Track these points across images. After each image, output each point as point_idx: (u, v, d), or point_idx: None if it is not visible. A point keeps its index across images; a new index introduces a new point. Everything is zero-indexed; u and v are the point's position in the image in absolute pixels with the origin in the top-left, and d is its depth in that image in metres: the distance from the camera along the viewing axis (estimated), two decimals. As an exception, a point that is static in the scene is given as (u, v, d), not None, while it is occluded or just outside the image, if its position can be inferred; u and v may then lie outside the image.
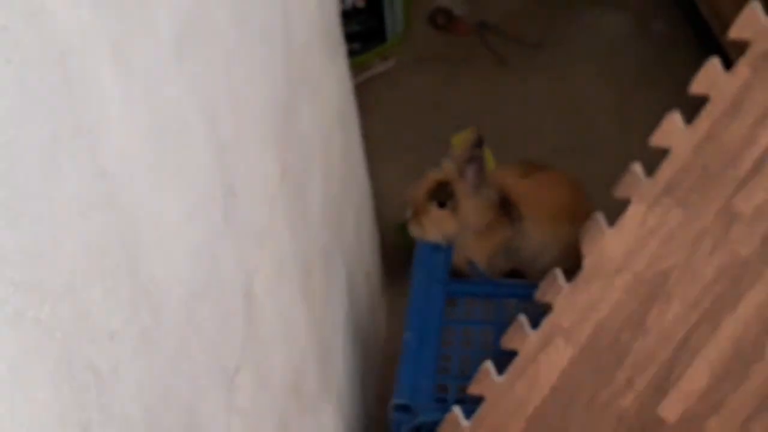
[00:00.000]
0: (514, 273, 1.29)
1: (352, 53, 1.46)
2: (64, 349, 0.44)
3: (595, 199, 1.18)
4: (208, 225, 0.66)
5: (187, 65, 0.62)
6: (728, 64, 0.85)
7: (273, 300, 0.80)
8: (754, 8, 0.83)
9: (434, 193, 1.21)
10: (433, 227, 1.20)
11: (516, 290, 1.15)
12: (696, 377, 0.90)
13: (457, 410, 0.93)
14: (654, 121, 0.87)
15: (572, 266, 0.91)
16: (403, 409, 0.98)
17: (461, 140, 1.43)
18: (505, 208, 1.26)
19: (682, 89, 0.86)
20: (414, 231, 1.21)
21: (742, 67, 0.84)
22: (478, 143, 1.19)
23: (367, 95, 1.76)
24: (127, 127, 0.52)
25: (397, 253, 1.44)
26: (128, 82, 0.52)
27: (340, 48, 1.11)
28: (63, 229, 0.44)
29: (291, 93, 0.87)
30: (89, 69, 0.48)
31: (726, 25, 0.85)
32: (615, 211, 0.89)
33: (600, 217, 0.90)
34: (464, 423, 0.93)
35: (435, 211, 1.21)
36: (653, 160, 0.89)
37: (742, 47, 0.84)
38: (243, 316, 0.72)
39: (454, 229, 1.20)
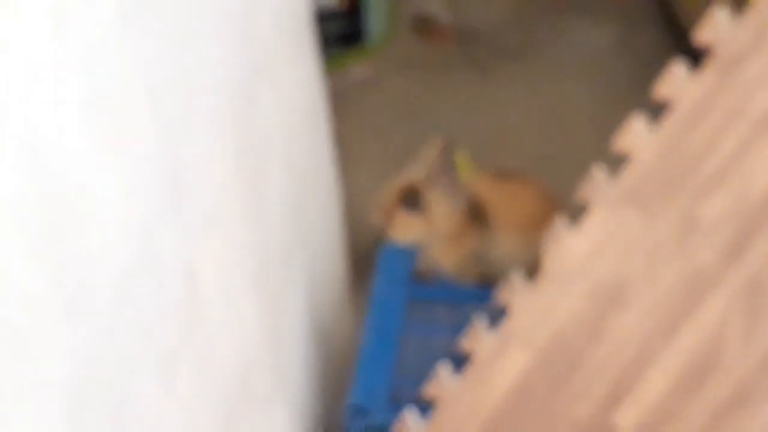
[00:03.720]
0: (485, 280, 1.28)
1: (330, 55, 1.45)
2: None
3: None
4: (148, 203, 0.64)
5: (132, 33, 0.60)
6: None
7: (221, 290, 0.78)
8: (718, 12, 0.83)
9: (403, 198, 1.21)
10: (401, 232, 1.20)
11: (480, 295, 1.14)
12: (651, 385, 0.88)
13: (410, 412, 0.92)
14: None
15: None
16: (357, 409, 0.97)
17: (431, 146, 1.42)
18: (476, 215, 1.26)
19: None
20: (383, 235, 1.21)
21: (707, 71, 0.84)
22: (448, 149, 1.19)
23: (344, 99, 1.75)
24: (59, 91, 0.51)
25: (368, 256, 1.43)
26: (64, 45, 0.51)
27: (311, 45, 1.10)
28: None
29: (250, 81, 0.86)
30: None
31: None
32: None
33: (562, 220, 0.89)
34: (417, 425, 0.92)
35: (403, 216, 1.21)
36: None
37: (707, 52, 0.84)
38: (185, 301, 0.71)
39: (422, 234, 1.20)
